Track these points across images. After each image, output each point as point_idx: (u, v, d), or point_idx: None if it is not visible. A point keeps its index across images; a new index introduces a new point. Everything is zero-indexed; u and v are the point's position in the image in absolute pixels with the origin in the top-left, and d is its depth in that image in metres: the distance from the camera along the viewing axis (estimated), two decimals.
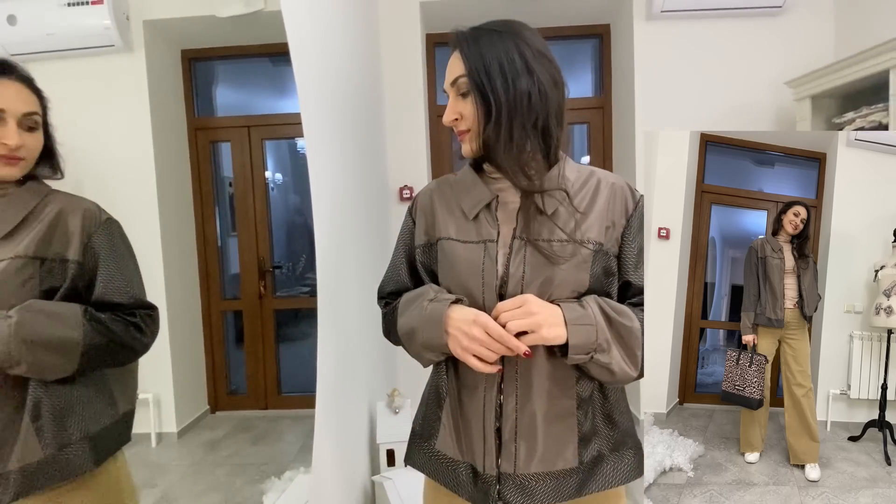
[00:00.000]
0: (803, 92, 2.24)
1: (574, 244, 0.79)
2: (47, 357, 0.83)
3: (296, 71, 1.28)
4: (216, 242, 2.20)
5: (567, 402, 0.80)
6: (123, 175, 1.73)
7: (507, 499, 0.79)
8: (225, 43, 2.22)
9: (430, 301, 0.79)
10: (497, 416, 0.80)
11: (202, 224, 2.15)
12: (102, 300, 0.92)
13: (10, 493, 0.84)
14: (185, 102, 2.14)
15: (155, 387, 1.68)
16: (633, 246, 0.83)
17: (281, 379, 2.35)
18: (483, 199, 0.83)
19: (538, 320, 0.73)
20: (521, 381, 0.79)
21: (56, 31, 1.72)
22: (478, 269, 0.79)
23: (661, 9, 2.44)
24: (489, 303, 0.79)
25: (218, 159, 2.24)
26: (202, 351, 2.16)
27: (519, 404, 0.79)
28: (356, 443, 1.66)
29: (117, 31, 1.75)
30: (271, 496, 1.71)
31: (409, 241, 0.92)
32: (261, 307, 2.32)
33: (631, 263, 0.83)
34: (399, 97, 2.61)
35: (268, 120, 2.35)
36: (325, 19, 1.69)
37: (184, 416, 1.96)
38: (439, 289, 0.83)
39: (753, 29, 2.53)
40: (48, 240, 0.89)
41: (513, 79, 0.77)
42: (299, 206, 2.62)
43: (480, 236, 0.81)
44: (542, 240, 0.79)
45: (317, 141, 1.46)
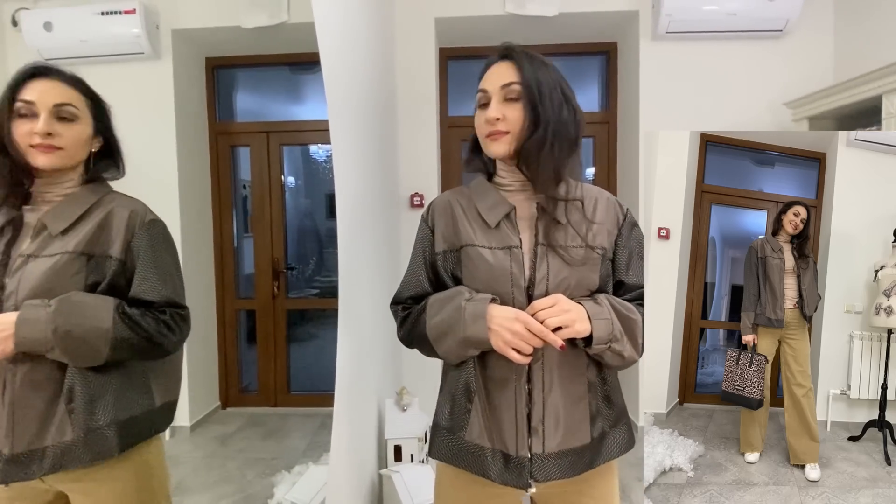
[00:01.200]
0: (801, 113, 2.31)
1: (587, 249, 0.91)
2: (78, 345, 0.89)
3: (325, 80, 1.36)
4: (232, 243, 2.27)
5: (580, 387, 0.92)
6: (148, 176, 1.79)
7: (537, 476, 0.89)
8: (247, 52, 2.31)
9: (468, 300, 0.88)
10: (526, 404, 0.90)
11: (220, 225, 2.23)
12: (137, 297, 0.97)
13: (44, 468, 0.91)
14: (207, 108, 2.23)
15: None
16: (624, 251, 0.95)
17: (290, 377, 2.41)
18: (503, 209, 0.94)
19: (572, 317, 0.83)
20: (545, 371, 0.90)
21: (89, 38, 1.80)
22: (506, 272, 0.89)
23: (666, 30, 2.53)
24: (519, 303, 0.88)
25: (236, 162, 2.32)
26: (216, 349, 2.22)
27: (545, 392, 0.90)
28: (366, 438, 1.72)
29: (147, 40, 1.83)
30: (282, 488, 1.76)
31: (427, 249, 1.00)
32: (273, 307, 2.38)
33: (623, 265, 0.95)
34: (412, 108, 2.69)
35: (285, 126, 2.43)
36: (352, 32, 1.78)
37: (197, 411, 2.02)
38: (471, 290, 0.91)
39: (755, 51, 2.61)
40: (96, 238, 0.96)
41: (559, 104, 0.90)
42: (310, 209, 2.70)
43: (504, 243, 0.91)
44: (561, 246, 0.90)
45: (342, 147, 1.54)
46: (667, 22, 2.48)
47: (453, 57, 3.01)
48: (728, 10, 2.44)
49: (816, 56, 2.61)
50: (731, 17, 2.46)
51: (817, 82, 2.45)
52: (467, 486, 0.96)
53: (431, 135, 2.71)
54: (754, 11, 2.44)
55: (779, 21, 2.48)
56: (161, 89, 1.92)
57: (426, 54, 2.71)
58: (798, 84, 2.52)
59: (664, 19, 2.47)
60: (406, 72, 2.68)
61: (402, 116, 2.69)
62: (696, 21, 2.49)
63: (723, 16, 2.45)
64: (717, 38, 2.59)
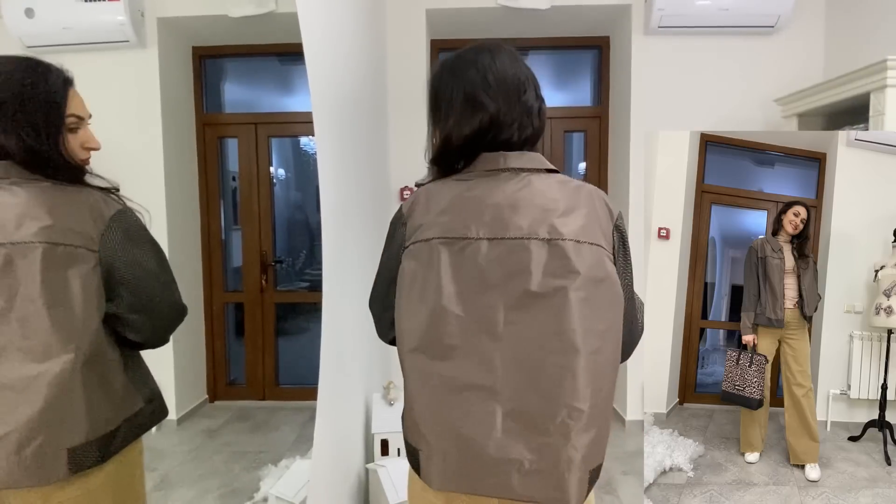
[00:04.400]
0: (791, 109, 2.32)
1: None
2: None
3: (309, 71, 1.34)
4: (220, 235, 2.24)
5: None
6: (133, 167, 1.78)
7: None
8: (235, 41, 2.27)
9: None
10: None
11: (207, 217, 2.20)
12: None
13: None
14: (194, 98, 2.20)
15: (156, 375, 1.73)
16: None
17: (279, 370, 2.40)
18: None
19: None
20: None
21: (72, 25, 1.76)
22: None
23: (658, 24, 2.52)
24: None
25: (224, 154, 2.29)
26: (203, 341, 2.20)
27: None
28: (353, 432, 1.72)
29: (132, 27, 1.80)
30: (268, 482, 1.76)
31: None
32: (262, 300, 2.36)
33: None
34: (403, 100, 2.68)
35: (274, 118, 2.40)
36: (337, 23, 1.76)
37: (183, 404, 2.01)
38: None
39: (746, 47, 2.62)
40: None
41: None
42: (300, 202, 2.67)
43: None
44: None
45: (326, 140, 1.52)
46: (659, 16, 2.47)
47: (445, 49, 2.99)
48: (720, 4, 2.44)
49: (807, 53, 2.62)
50: (724, 13, 2.46)
51: (808, 79, 2.46)
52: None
53: (422, 128, 2.69)
54: (746, 7, 2.44)
55: (770, 17, 2.49)
56: (147, 78, 1.89)
57: (418, 46, 2.69)
58: (789, 80, 2.53)
59: (656, 14, 2.46)
60: (397, 64, 2.66)
61: (394, 109, 2.67)
62: (689, 16, 2.49)
63: (715, 11, 2.46)
64: (709, 33, 2.59)
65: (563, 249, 0.81)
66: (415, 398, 0.87)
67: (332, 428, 1.49)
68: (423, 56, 2.71)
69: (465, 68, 0.90)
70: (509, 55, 0.91)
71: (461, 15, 2.72)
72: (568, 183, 0.88)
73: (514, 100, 0.88)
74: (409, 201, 0.94)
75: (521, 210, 0.84)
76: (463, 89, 0.89)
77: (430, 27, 2.80)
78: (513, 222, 0.83)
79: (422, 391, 0.86)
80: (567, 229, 0.82)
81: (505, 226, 0.83)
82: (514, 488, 0.82)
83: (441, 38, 2.94)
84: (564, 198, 0.85)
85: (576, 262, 0.80)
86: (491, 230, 0.83)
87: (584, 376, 0.79)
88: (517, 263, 0.81)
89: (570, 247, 0.81)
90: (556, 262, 0.81)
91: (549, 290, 0.80)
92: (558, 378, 0.79)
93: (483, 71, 0.89)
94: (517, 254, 0.82)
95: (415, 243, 0.88)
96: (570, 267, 0.80)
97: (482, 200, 0.86)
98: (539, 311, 0.80)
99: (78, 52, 1.77)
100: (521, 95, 0.89)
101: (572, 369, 0.79)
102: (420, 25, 2.68)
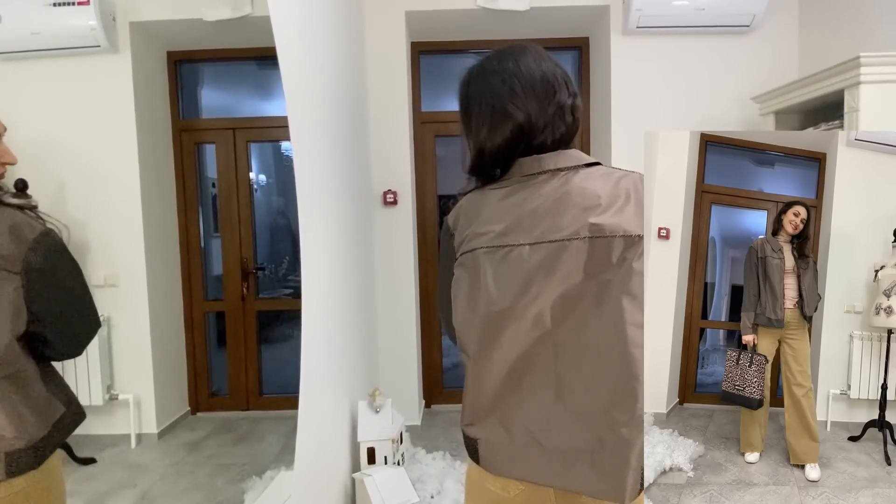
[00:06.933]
0: (768, 107, 2.35)
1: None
2: None
3: (283, 75, 1.32)
4: (199, 243, 2.20)
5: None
6: (107, 175, 1.73)
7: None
8: (211, 45, 2.24)
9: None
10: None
11: (185, 225, 2.15)
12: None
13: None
14: (170, 104, 2.15)
15: (135, 387, 1.68)
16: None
17: (262, 380, 2.35)
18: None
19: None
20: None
21: (42, 30, 1.72)
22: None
23: (636, 24, 2.54)
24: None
25: (202, 160, 2.25)
26: (184, 352, 2.15)
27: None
28: (338, 441, 1.69)
29: (103, 32, 1.76)
30: (252, 495, 1.72)
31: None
32: (243, 309, 2.32)
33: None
34: (384, 103, 2.66)
35: (253, 122, 2.37)
36: (312, 25, 1.73)
37: (164, 416, 1.96)
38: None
39: (722, 46, 2.65)
40: None
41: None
42: (283, 207, 2.64)
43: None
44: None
45: (303, 144, 1.50)
46: (637, 17, 2.49)
47: (425, 51, 2.98)
48: (697, 4, 2.47)
49: (782, 51, 2.66)
50: (700, 13, 2.49)
51: (783, 77, 2.50)
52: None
53: (404, 130, 2.68)
54: (722, 7, 2.48)
55: (745, 16, 2.52)
56: (120, 84, 1.85)
57: (397, 48, 2.68)
58: (765, 79, 2.57)
59: (634, 14, 2.48)
60: (377, 66, 2.64)
61: (374, 112, 2.65)
62: (667, 16, 2.51)
63: (692, 11, 2.48)
64: (686, 33, 2.62)
65: (606, 245, 0.81)
66: (475, 393, 0.89)
67: (316, 437, 1.46)
68: (404, 58, 2.70)
69: (490, 79, 0.89)
70: (534, 55, 0.90)
71: (441, 17, 2.71)
72: (610, 175, 0.87)
73: (545, 102, 0.87)
74: (454, 213, 0.95)
75: (561, 211, 0.83)
76: (490, 101, 0.88)
77: (410, 29, 2.79)
78: (553, 225, 0.83)
79: (481, 387, 0.88)
80: (609, 225, 0.81)
81: (545, 229, 0.83)
82: (573, 480, 0.83)
83: (421, 40, 2.93)
84: (606, 192, 0.84)
85: (616, 256, 0.81)
86: (531, 235, 0.84)
87: (640, 372, 0.80)
88: (560, 264, 0.81)
89: (612, 242, 0.81)
90: (598, 258, 0.81)
91: (594, 286, 0.81)
92: (616, 374, 0.80)
93: (509, 80, 0.87)
94: (559, 255, 0.82)
95: (463, 254, 0.90)
96: (611, 262, 0.81)
97: (521, 207, 0.86)
98: (587, 309, 0.81)
99: (48, 58, 1.72)
100: (554, 96, 0.87)
101: (628, 364, 0.80)
102: (400, 28, 2.67)
